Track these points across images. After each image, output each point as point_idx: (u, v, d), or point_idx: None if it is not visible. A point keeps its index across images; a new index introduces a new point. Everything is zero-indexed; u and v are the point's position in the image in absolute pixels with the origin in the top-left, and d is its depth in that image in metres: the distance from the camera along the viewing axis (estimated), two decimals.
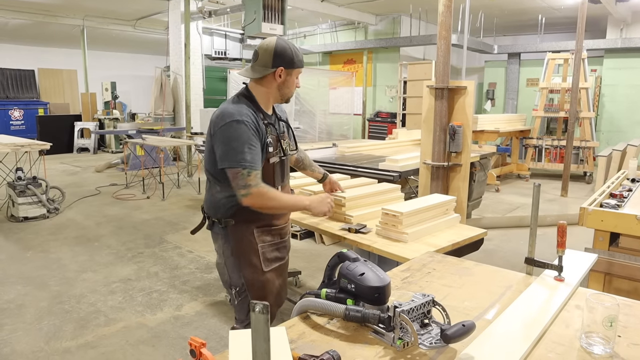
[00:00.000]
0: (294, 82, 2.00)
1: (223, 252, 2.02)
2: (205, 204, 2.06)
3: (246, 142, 1.83)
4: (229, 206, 1.94)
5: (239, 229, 1.96)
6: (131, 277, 4.01)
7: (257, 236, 1.99)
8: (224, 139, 1.84)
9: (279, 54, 1.92)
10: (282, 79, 1.96)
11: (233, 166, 1.83)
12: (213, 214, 1.99)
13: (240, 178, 1.82)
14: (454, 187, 3.74)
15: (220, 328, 3.12)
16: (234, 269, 2.00)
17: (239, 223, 1.95)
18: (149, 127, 9.92)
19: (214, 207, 1.99)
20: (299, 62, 1.98)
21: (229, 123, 1.84)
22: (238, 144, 1.82)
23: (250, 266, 1.96)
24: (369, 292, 1.28)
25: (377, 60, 12.50)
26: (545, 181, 8.82)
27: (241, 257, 1.98)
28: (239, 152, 1.82)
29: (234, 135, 1.83)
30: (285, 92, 2.00)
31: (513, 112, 11.86)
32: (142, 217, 6.00)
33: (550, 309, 1.39)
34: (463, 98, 3.53)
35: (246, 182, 1.82)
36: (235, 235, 1.96)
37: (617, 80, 10.23)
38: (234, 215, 1.94)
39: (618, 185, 3.44)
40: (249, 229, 1.97)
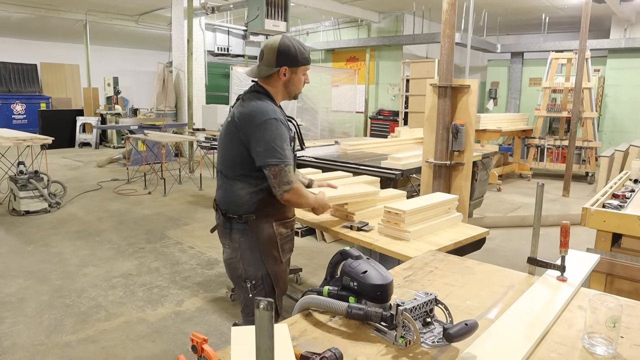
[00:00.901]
0: (300, 80, 2.02)
1: (239, 246, 2.04)
2: (221, 202, 2.07)
3: (285, 139, 1.92)
4: (251, 202, 1.99)
5: (260, 223, 2.01)
6: (132, 272, 4.01)
7: (276, 228, 2.05)
8: (264, 137, 1.88)
9: (282, 52, 1.95)
10: (287, 78, 1.99)
11: (277, 163, 1.88)
12: (234, 211, 2.01)
13: (284, 174, 1.89)
14: (456, 186, 3.73)
15: (221, 324, 3.12)
16: (251, 262, 2.04)
17: (260, 218, 2.00)
18: (151, 122, 9.92)
19: (235, 204, 2.01)
20: (303, 60, 2.00)
21: (268, 121, 1.89)
22: (280, 142, 1.89)
23: (272, 258, 2.04)
24: (372, 290, 1.28)
25: (379, 58, 12.47)
26: (547, 181, 8.81)
27: (263, 250, 2.03)
28: (282, 149, 1.89)
29: (275, 133, 1.88)
30: (292, 90, 2.04)
31: (515, 111, 11.83)
32: (143, 213, 6.00)
33: (552, 309, 1.39)
34: (466, 97, 3.52)
35: (289, 178, 1.90)
36: (257, 230, 2.01)
37: (620, 81, 10.20)
38: (256, 210, 1.99)
39: (621, 186, 3.43)
40: (269, 222, 2.03)
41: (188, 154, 9.47)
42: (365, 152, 5.42)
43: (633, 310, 1.43)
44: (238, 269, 2.07)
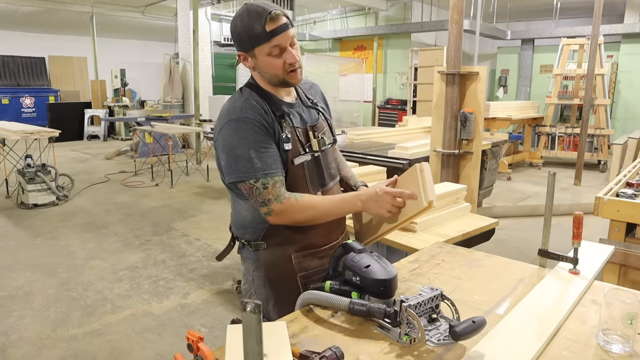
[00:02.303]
0: (270, 62, 1.44)
1: (253, 281, 1.62)
2: (232, 223, 1.66)
3: (252, 144, 1.40)
4: (256, 226, 1.53)
5: (272, 255, 1.54)
6: (138, 264, 4.00)
7: (296, 263, 1.54)
8: (224, 146, 1.44)
9: (232, 34, 1.48)
10: (251, 64, 1.49)
11: (242, 179, 1.42)
12: (241, 235, 1.59)
13: (256, 193, 1.42)
14: (464, 175, 3.66)
15: (226, 317, 3.10)
16: (267, 302, 1.59)
17: (272, 247, 1.53)
18: (158, 114, 9.91)
19: (240, 227, 1.59)
20: (254, 38, 1.41)
21: (227, 124, 1.43)
22: (242, 150, 1.40)
23: (288, 302, 1.38)
24: (375, 285, 1.23)
25: (387, 47, 12.33)
26: (558, 169, 8.67)
27: (276, 290, 1.56)
28: (244, 159, 1.40)
29: (235, 139, 1.41)
30: (269, 78, 1.49)
31: (526, 99, 11.66)
32: (150, 205, 6.00)
33: (565, 303, 1.33)
34: (475, 84, 3.44)
35: (264, 197, 1.41)
36: (268, 263, 1.54)
37: (634, 67, 9.98)
38: (266, 236, 1.53)
39: (635, 174, 3.34)
40: (286, 253, 1.53)
41: (195, 145, 9.45)
42: (373, 141, 5.35)
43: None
44: None
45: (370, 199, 1.47)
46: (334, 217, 1.55)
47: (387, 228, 1.53)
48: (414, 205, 1.41)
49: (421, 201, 1.39)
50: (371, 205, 1.47)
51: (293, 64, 1.45)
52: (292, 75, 1.48)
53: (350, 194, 1.56)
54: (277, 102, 1.52)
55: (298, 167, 1.50)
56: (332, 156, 1.66)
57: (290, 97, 1.59)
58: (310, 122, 1.59)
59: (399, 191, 1.44)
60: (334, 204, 1.52)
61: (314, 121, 1.60)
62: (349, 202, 1.52)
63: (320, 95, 1.74)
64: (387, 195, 1.44)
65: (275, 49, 1.42)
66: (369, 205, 1.47)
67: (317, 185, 1.57)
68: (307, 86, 1.71)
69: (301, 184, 1.52)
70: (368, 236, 1.64)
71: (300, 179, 1.52)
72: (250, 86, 1.54)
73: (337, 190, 1.69)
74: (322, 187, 1.59)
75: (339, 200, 1.54)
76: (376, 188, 1.48)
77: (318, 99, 1.69)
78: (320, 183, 1.58)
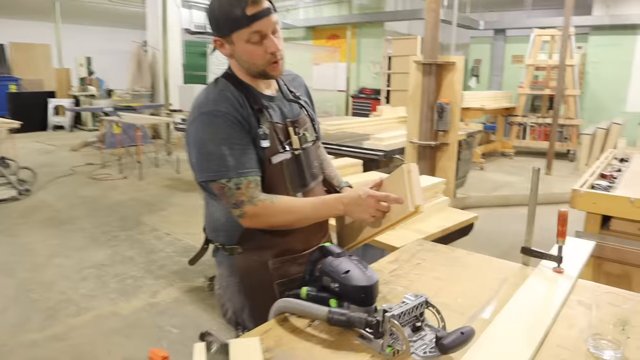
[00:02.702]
0: (249, 50, 1.31)
1: (227, 287, 1.49)
2: (205, 225, 1.53)
3: (225, 140, 1.29)
4: (231, 229, 1.40)
5: (248, 260, 1.42)
6: (105, 262, 3.84)
7: (274, 269, 1.42)
8: (194, 142, 1.32)
9: (209, 17, 1.35)
10: (228, 51, 1.36)
11: (213, 179, 1.31)
12: (215, 238, 1.47)
13: (228, 194, 1.30)
14: (440, 167, 3.62)
15: (198, 316, 2.99)
16: (244, 310, 1.48)
17: (248, 251, 1.41)
18: (126, 104, 9.61)
19: (214, 229, 1.47)
20: (233, 22, 1.28)
21: (198, 118, 1.32)
22: (213, 147, 1.29)
23: (265, 310, 1.24)
24: (355, 292, 1.14)
25: (361, 36, 12.24)
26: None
27: (251, 298, 1.44)
28: (216, 157, 1.29)
29: (206, 135, 1.30)
30: (246, 67, 1.36)
31: (498, 89, 11.76)
32: (118, 198, 5.79)
33: (551, 306, 1.27)
34: (452, 74, 3.38)
35: (237, 198, 1.30)
36: (243, 269, 1.43)
37: (602, 58, 10.17)
38: (241, 240, 1.41)
39: (607, 166, 3.36)
40: (262, 259, 1.41)
41: (165, 136, 9.19)
42: (347, 132, 5.27)
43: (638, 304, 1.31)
44: (228, 312, 1.53)
45: (353, 202, 1.35)
46: (313, 221, 1.43)
47: (370, 233, 1.44)
48: (399, 210, 1.31)
49: (407, 206, 1.29)
50: (354, 209, 1.35)
51: (274, 53, 1.33)
52: (273, 67, 1.35)
53: (331, 197, 1.44)
54: (255, 94, 1.39)
55: (276, 166, 1.38)
56: (314, 154, 1.54)
57: (270, 89, 1.46)
58: (291, 117, 1.46)
59: (384, 195, 1.33)
60: (313, 207, 1.39)
61: (295, 116, 1.48)
62: (329, 205, 1.39)
63: (304, 88, 1.62)
64: (370, 199, 1.33)
65: (255, 36, 1.29)
66: (352, 209, 1.36)
67: (297, 186, 1.45)
68: (290, 78, 1.58)
69: (279, 185, 1.40)
70: (350, 241, 1.54)
71: (279, 179, 1.40)
72: (226, 77, 1.41)
73: (320, 190, 1.58)
74: (303, 188, 1.47)
75: (319, 203, 1.41)
76: (359, 191, 1.36)
77: (301, 92, 1.57)
78: (300, 183, 1.46)
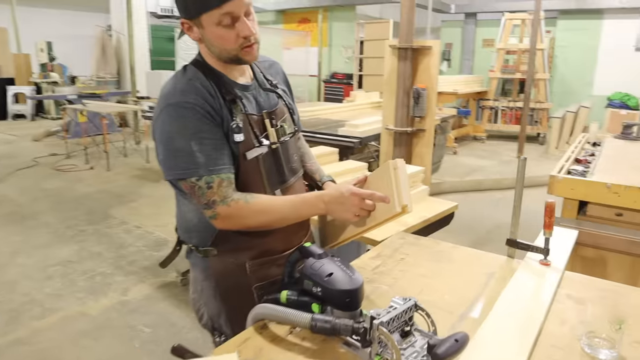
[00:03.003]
0: (219, 34, 1.19)
1: (202, 290, 1.40)
2: (177, 225, 1.42)
3: (194, 135, 1.18)
4: (204, 230, 1.30)
5: (224, 263, 1.33)
6: (71, 258, 3.67)
7: (252, 272, 1.33)
8: (161, 136, 1.21)
9: None
10: (196, 35, 1.24)
11: (182, 177, 1.20)
12: (187, 240, 1.37)
13: (199, 193, 1.20)
14: (417, 154, 3.57)
15: (171, 313, 2.88)
16: (220, 315, 1.39)
17: (224, 253, 1.32)
18: (91, 91, 9.24)
19: (186, 230, 1.37)
20: (203, 2, 1.16)
21: (164, 110, 1.20)
22: (182, 142, 1.18)
23: (243, 315, 1.16)
24: (339, 296, 1.07)
25: (332, 19, 12.08)
26: (501, 142, 8.90)
27: (228, 303, 1.35)
28: (185, 153, 1.18)
29: (173, 129, 1.19)
30: (217, 52, 1.24)
31: (469, 73, 11.82)
32: (84, 190, 5.56)
33: (542, 302, 1.23)
34: (428, 59, 3.32)
35: (208, 198, 1.20)
36: (219, 272, 1.34)
37: (570, 42, 10.30)
38: (216, 241, 1.31)
39: (581, 150, 3.37)
40: (239, 261, 1.32)
41: (133, 124, 8.90)
42: (321, 118, 5.17)
43: (629, 297, 1.28)
44: (203, 317, 1.44)
45: (335, 200, 1.26)
46: (292, 222, 1.32)
47: (353, 232, 1.36)
48: (385, 209, 1.23)
49: (394, 206, 1.21)
50: (336, 207, 1.26)
51: (248, 37, 1.21)
52: (247, 51, 1.24)
53: (311, 195, 1.34)
54: (228, 83, 1.28)
55: (252, 162, 1.28)
56: (294, 147, 1.43)
57: (244, 77, 1.35)
58: (268, 108, 1.35)
59: (369, 193, 1.24)
60: (292, 207, 1.29)
61: (272, 107, 1.36)
62: (310, 203, 1.29)
63: (282, 75, 1.51)
64: (354, 197, 1.24)
65: (227, 18, 1.17)
66: (334, 208, 1.27)
67: (275, 183, 1.35)
68: (266, 65, 1.47)
69: (256, 182, 1.30)
70: (332, 239, 1.45)
71: (255, 176, 1.29)
72: (196, 64, 1.29)
73: (300, 186, 1.48)
74: (282, 185, 1.37)
75: (299, 201, 1.31)
76: (342, 188, 1.27)
77: (279, 80, 1.46)
78: (279, 180, 1.36)
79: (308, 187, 1.54)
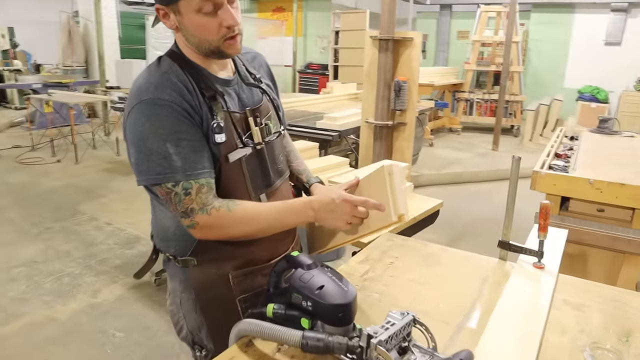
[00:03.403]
0: (198, 23, 1.08)
1: (181, 303, 1.29)
2: (153, 232, 1.30)
3: (169, 135, 1.07)
4: (183, 238, 1.19)
5: (205, 273, 1.22)
6: (37, 258, 3.48)
7: (236, 283, 1.22)
8: (133, 136, 1.09)
9: None
10: (172, 23, 1.12)
11: (156, 182, 1.09)
12: (165, 249, 1.25)
13: (175, 200, 1.09)
14: (397, 148, 3.52)
15: (144, 315, 2.75)
16: (201, 328, 1.28)
17: (205, 263, 1.21)
18: (57, 80, 8.87)
19: (163, 239, 1.25)
20: None
21: (136, 107, 1.08)
22: (156, 143, 1.06)
23: (225, 329, 1.07)
24: (331, 310, 0.98)
25: (307, 9, 11.93)
26: (476, 134, 8.96)
27: (209, 316, 1.25)
28: (159, 156, 1.06)
29: (147, 129, 1.07)
30: (197, 43, 1.12)
31: (444, 64, 11.86)
32: (51, 185, 5.32)
33: (540, 310, 1.17)
34: (409, 50, 3.25)
35: (186, 205, 1.09)
36: (199, 283, 1.23)
37: (543, 35, 10.43)
38: (196, 251, 1.20)
39: (560, 145, 3.38)
40: (222, 272, 1.22)
41: (102, 115, 8.59)
42: (298, 110, 5.08)
43: (629, 303, 1.24)
44: (182, 330, 1.33)
45: (325, 207, 1.15)
46: (278, 230, 1.21)
47: (343, 239, 1.27)
48: (380, 217, 1.14)
49: (389, 214, 1.11)
50: (326, 215, 1.16)
51: (232, 27, 1.11)
52: (230, 44, 1.13)
53: (299, 201, 1.24)
54: (207, 78, 1.16)
55: (234, 164, 1.16)
56: (279, 147, 1.32)
57: (225, 71, 1.23)
58: (252, 105, 1.23)
59: (362, 200, 1.15)
60: (278, 215, 1.18)
61: (256, 103, 1.25)
62: (297, 211, 1.18)
63: (265, 68, 1.39)
64: (346, 205, 1.14)
65: (208, 4, 1.06)
66: (324, 216, 1.16)
67: (260, 186, 1.24)
68: (249, 57, 1.35)
69: (239, 187, 1.19)
70: (320, 246, 1.36)
71: (238, 180, 1.18)
72: (172, 55, 1.17)
73: (287, 189, 1.37)
74: (267, 188, 1.26)
75: (286, 209, 1.19)
76: (333, 194, 1.16)
77: (262, 74, 1.35)
78: (264, 183, 1.25)
79: (293, 189, 1.45)
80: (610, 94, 9.48)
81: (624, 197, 2.37)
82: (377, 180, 1.17)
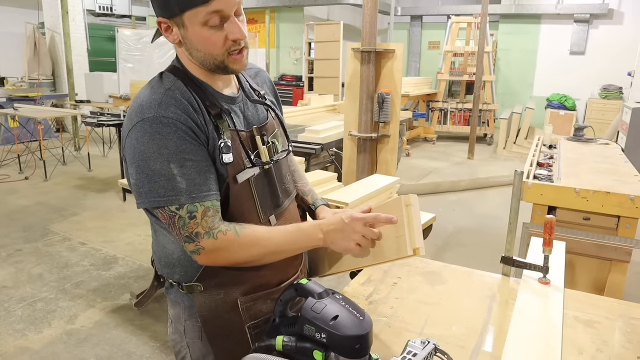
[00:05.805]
0: (204, 37, 1.02)
1: (185, 332, 1.21)
2: (155, 257, 1.23)
3: (174, 156, 1.01)
4: (189, 264, 1.12)
5: (212, 299, 1.14)
6: (7, 283, 3.29)
7: (245, 309, 1.15)
8: (134, 157, 1.02)
9: None
10: (176, 37, 1.05)
11: (159, 205, 1.02)
12: (169, 275, 1.18)
13: (180, 225, 1.03)
14: (382, 160, 3.50)
15: (126, 341, 2.62)
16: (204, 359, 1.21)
17: (212, 289, 1.14)
18: (22, 94, 8.58)
19: (167, 265, 1.17)
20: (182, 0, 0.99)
21: (138, 125, 1.01)
22: (160, 164, 1.00)
23: (233, 358, 1.07)
24: (348, 343, 0.93)
25: (280, 20, 11.91)
26: (450, 143, 9.07)
27: (216, 345, 1.17)
28: (163, 177, 1.01)
29: (150, 148, 1.00)
30: (202, 58, 1.06)
31: (416, 75, 12.03)
32: (19, 204, 5.09)
33: (554, 329, 1.14)
34: (391, 62, 3.25)
35: (191, 230, 1.03)
36: (206, 310, 1.15)
37: (511, 45, 10.70)
38: (203, 277, 1.13)
39: (540, 154, 3.42)
40: (230, 298, 1.14)
41: (72, 129, 8.33)
42: None
43: None
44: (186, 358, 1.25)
45: (334, 228, 1.10)
46: (287, 255, 1.14)
47: (352, 265, 1.20)
48: (394, 249, 1.07)
49: (405, 247, 1.04)
50: (335, 236, 1.10)
51: (238, 41, 1.05)
52: (237, 60, 1.07)
53: (309, 225, 1.17)
54: (212, 95, 1.10)
55: (243, 185, 1.10)
56: (286, 166, 1.27)
57: (230, 88, 1.17)
58: (258, 123, 1.18)
59: (373, 216, 1.08)
60: (288, 238, 1.11)
61: (262, 121, 1.19)
62: (307, 234, 1.12)
63: (269, 84, 1.34)
64: (356, 223, 1.08)
65: (215, 18, 1.00)
66: (334, 237, 1.10)
67: (269, 207, 1.18)
68: (252, 73, 1.29)
69: (248, 209, 1.13)
70: (324, 269, 1.30)
71: (247, 201, 1.12)
72: (174, 71, 1.10)
73: (295, 211, 1.30)
74: (276, 209, 1.20)
75: (295, 232, 1.13)
76: (343, 215, 1.11)
77: (266, 90, 1.29)
78: (273, 204, 1.19)
79: (300, 211, 1.39)
80: (577, 102, 9.76)
81: (609, 206, 2.40)
82: (393, 212, 1.11)
